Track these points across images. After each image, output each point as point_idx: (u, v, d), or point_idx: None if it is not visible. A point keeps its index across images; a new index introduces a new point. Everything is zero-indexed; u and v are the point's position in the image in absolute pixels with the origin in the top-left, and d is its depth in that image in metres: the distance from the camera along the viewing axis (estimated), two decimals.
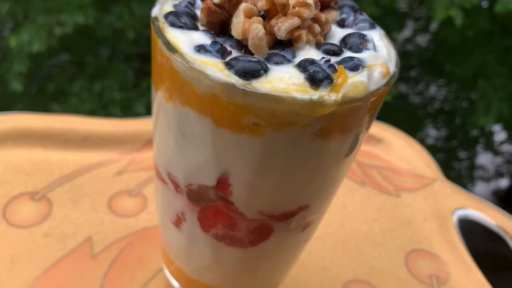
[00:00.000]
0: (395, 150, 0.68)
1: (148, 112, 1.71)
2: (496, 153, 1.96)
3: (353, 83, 0.27)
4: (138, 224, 0.51)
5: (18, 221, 0.50)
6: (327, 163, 0.31)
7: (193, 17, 0.32)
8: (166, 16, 0.30)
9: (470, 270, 0.53)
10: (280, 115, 0.27)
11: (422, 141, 2.05)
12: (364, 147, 0.69)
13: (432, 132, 2.22)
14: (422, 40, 2.15)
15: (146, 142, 0.60)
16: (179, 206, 0.35)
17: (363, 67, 0.28)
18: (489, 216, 0.58)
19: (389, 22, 1.47)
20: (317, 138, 0.28)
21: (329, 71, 0.27)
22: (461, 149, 2.15)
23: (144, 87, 1.76)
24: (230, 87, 0.26)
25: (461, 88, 1.78)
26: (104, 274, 0.46)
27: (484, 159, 2.21)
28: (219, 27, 0.31)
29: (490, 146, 2.04)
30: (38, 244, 0.48)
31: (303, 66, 0.27)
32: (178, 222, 0.36)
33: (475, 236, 0.64)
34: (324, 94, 0.26)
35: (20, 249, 0.48)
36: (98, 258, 0.48)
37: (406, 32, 2.01)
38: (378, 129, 0.70)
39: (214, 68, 0.26)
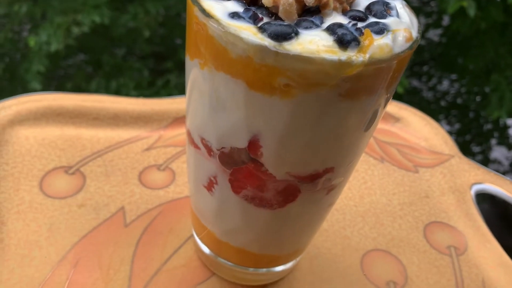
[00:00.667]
0: (413, 128, 0.70)
1: None
2: (510, 147, 1.95)
3: (379, 45, 0.29)
4: (167, 195, 0.54)
5: (54, 192, 0.53)
6: (354, 125, 0.33)
7: None
8: None
9: (488, 241, 0.55)
10: (310, 75, 0.29)
11: None
12: (382, 126, 0.70)
13: (445, 127, 2.22)
14: (434, 34, 2.14)
15: (173, 120, 0.62)
16: (212, 170, 0.37)
17: (388, 31, 0.30)
18: (507, 190, 0.59)
19: None
20: (344, 99, 0.30)
21: (356, 33, 0.29)
22: (475, 144, 2.14)
23: (159, 85, 1.80)
24: (263, 49, 0.28)
25: (473, 82, 1.78)
26: (137, 241, 0.49)
27: (499, 153, 2.20)
28: None
29: (504, 140, 2.03)
30: (74, 214, 0.51)
31: (331, 29, 0.29)
32: (210, 185, 0.39)
33: (493, 210, 0.65)
34: (352, 55, 0.28)
35: (56, 218, 0.50)
36: (131, 226, 0.50)
37: None
38: (397, 108, 0.72)
39: (248, 32, 0.28)
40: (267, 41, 0.28)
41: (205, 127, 0.36)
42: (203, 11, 0.30)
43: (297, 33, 0.29)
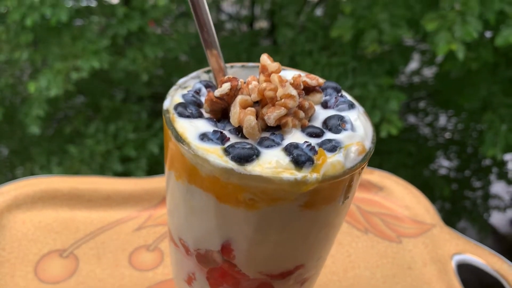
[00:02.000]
0: (396, 197, 0.72)
1: (161, 151, 1.76)
2: (510, 182, 1.96)
3: (331, 162, 0.32)
4: (156, 277, 0.56)
5: (49, 277, 0.55)
6: (316, 228, 0.36)
7: (199, 105, 0.38)
8: (176, 107, 0.36)
9: None
10: (270, 192, 0.32)
11: (434, 173, 2.05)
12: (366, 195, 0.73)
13: (444, 163, 2.23)
14: (429, 72, 2.19)
15: (162, 199, 0.65)
16: (190, 267, 0.40)
17: (340, 147, 0.33)
18: (486, 260, 0.61)
19: (394, 57, 1.51)
20: (305, 209, 0.33)
21: (310, 154, 0.32)
22: (475, 179, 2.14)
23: (157, 127, 1.83)
24: (228, 171, 0.31)
25: (469, 119, 1.80)
26: None
27: (499, 188, 2.20)
28: (221, 113, 0.37)
29: (504, 175, 2.03)
30: None
31: (288, 150, 0.32)
32: (189, 280, 0.41)
33: (474, 280, 0.67)
34: (307, 174, 0.31)
35: None
36: None
37: (414, 64, 2.05)
38: (380, 177, 0.75)
39: (215, 155, 0.32)
40: (231, 164, 0.31)
41: (182, 229, 0.38)
42: (176, 135, 0.34)
43: (258, 155, 0.32)
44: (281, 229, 0.34)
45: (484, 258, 0.61)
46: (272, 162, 0.32)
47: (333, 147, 0.33)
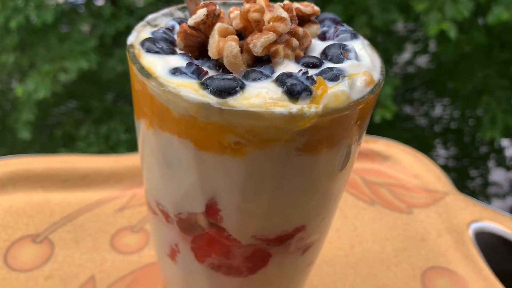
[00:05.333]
0: (404, 166, 0.66)
1: None
2: (509, 168, 1.92)
3: (334, 93, 0.26)
4: (141, 260, 0.50)
5: (20, 265, 0.49)
6: (319, 179, 0.30)
7: (171, 42, 0.31)
8: (143, 42, 0.30)
9: (492, 285, 0.50)
10: (260, 131, 0.26)
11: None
12: (371, 165, 0.67)
13: (442, 152, 2.19)
14: (423, 61, 2.15)
15: None
16: (172, 238, 0.34)
17: (344, 76, 0.27)
18: (507, 226, 0.55)
19: (387, 46, 1.49)
20: (303, 153, 0.27)
21: (307, 83, 0.26)
22: (473, 167, 2.11)
23: None
24: (205, 106, 0.25)
25: (466, 105, 1.77)
26: None
27: (498, 175, 2.17)
28: (198, 49, 0.31)
29: (502, 162, 2.01)
30: None
31: (280, 80, 0.26)
32: (173, 254, 0.35)
33: (493, 249, 0.61)
34: (304, 106, 0.25)
35: None
36: None
37: (406, 55, 2.02)
38: (384, 145, 0.69)
39: (189, 89, 0.26)
40: (209, 98, 0.25)
41: (159, 191, 0.32)
42: (142, 70, 0.27)
43: (242, 87, 0.26)
44: (275, 180, 0.28)
45: (504, 224, 0.55)
46: (260, 95, 0.26)
47: (335, 75, 0.27)
